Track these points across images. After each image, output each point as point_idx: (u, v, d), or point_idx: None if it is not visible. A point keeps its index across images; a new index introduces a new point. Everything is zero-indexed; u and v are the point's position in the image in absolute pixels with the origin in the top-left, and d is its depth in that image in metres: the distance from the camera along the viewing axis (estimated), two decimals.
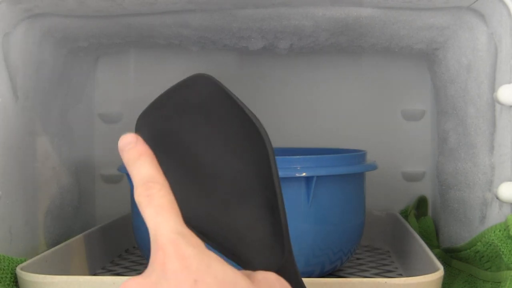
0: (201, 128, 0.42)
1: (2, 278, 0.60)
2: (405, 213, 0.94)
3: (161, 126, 0.42)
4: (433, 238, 0.88)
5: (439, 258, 0.64)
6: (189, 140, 0.42)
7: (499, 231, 0.61)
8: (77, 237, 0.76)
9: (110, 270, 0.79)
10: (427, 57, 0.89)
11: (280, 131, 0.98)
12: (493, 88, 0.66)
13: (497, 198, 0.62)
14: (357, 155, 0.74)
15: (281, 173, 0.65)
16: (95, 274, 0.77)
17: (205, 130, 0.42)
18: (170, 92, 0.43)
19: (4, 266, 0.61)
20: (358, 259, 0.84)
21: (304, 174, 0.66)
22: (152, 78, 0.99)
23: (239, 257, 0.40)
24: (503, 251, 0.60)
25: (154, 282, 0.34)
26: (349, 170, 0.71)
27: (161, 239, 0.35)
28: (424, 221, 0.91)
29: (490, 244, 0.63)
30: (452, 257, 0.74)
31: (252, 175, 0.40)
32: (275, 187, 0.40)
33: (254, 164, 0.40)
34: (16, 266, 0.61)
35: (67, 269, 0.71)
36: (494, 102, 0.65)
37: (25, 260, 0.63)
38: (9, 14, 0.67)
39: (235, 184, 0.41)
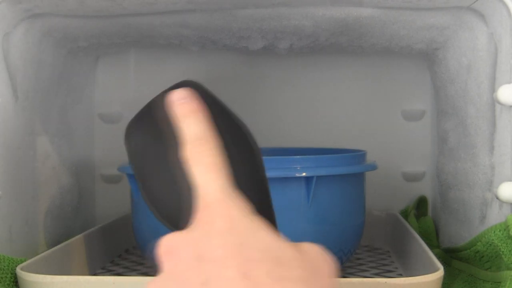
0: None
1: (2, 278, 0.60)
2: (405, 213, 0.94)
3: (151, 133, 0.42)
4: (433, 238, 0.88)
5: (439, 258, 0.64)
6: (179, 146, 0.42)
7: (499, 231, 0.61)
8: (77, 237, 0.76)
9: (110, 270, 0.79)
10: (427, 57, 0.89)
11: (280, 131, 0.98)
12: (493, 88, 0.66)
13: (497, 198, 0.62)
14: (357, 155, 0.74)
15: (281, 173, 0.66)
16: (95, 274, 0.77)
17: None
18: (157, 99, 0.43)
19: (4, 266, 0.61)
20: (358, 259, 0.84)
21: (304, 174, 0.66)
22: (152, 78, 0.99)
23: None
24: (503, 251, 0.60)
25: (197, 239, 0.32)
26: (349, 170, 0.71)
27: (208, 198, 0.34)
28: (424, 221, 0.91)
29: (490, 244, 0.63)
30: (452, 257, 0.74)
31: (240, 179, 0.40)
32: (264, 189, 0.40)
33: (242, 167, 0.40)
34: (16, 266, 0.61)
35: (67, 269, 0.71)
36: (494, 102, 0.65)
37: (25, 260, 0.63)
38: (9, 14, 0.67)
39: None
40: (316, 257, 0.34)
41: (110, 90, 0.99)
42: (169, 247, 0.33)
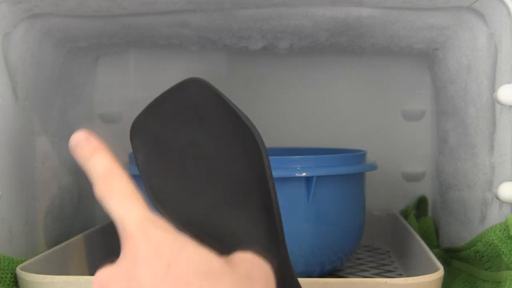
0: (195, 132, 0.42)
1: (2, 278, 0.60)
2: (405, 213, 0.94)
3: (157, 131, 0.42)
4: (433, 238, 0.88)
5: (439, 258, 0.64)
6: (184, 144, 0.42)
7: (499, 231, 0.61)
8: (77, 237, 0.76)
9: None
10: (427, 57, 0.89)
11: (280, 131, 0.98)
12: (493, 88, 0.66)
13: (497, 198, 0.62)
14: (357, 155, 0.74)
15: (281, 173, 0.66)
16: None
17: (199, 133, 0.42)
18: (163, 97, 0.43)
19: (4, 266, 0.61)
20: (358, 259, 0.84)
21: (304, 174, 0.66)
22: (152, 78, 0.99)
23: None
24: (503, 251, 0.60)
25: (126, 269, 0.33)
26: (349, 170, 0.71)
27: (129, 228, 0.34)
28: (424, 221, 0.91)
29: (490, 244, 0.63)
30: (452, 257, 0.74)
31: (246, 177, 0.40)
32: (269, 188, 0.40)
33: (248, 166, 0.41)
34: (16, 266, 0.61)
35: (67, 269, 0.71)
36: (494, 102, 0.65)
37: (25, 260, 0.63)
38: (9, 14, 0.67)
39: (230, 186, 0.41)
40: (249, 265, 0.34)
41: (110, 90, 0.99)
42: (101, 282, 0.34)
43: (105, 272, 0.34)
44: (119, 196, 0.35)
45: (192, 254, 0.33)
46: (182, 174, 0.41)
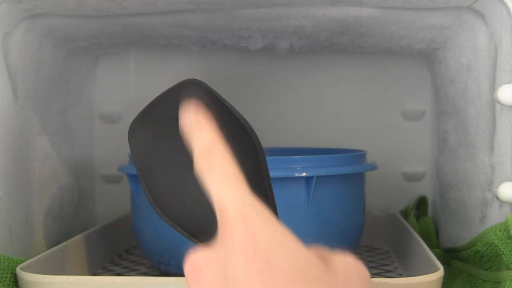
0: None
1: (2, 278, 0.60)
2: (405, 213, 0.94)
3: (154, 132, 0.42)
4: (433, 238, 0.88)
5: (439, 258, 0.64)
6: (182, 146, 0.42)
7: (499, 231, 0.61)
8: (77, 237, 0.76)
9: (110, 270, 0.79)
10: (427, 57, 0.89)
11: (280, 131, 0.98)
12: (493, 88, 0.66)
13: (497, 198, 0.62)
14: (357, 155, 0.74)
15: (281, 173, 0.66)
16: (95, 274, 0.77)
17: None
18: (160, 98, 0.43)
19: (4, 266, 0.61)
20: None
21: (304, 174, 0.66)
22: (152, 78, 0.99)
23: None
24: (503, 251, 0.60)
25: (221, 257, 0.31)
26: (349, 170, 0.71)
27: (228, 213, 0.32)
28: (424, 221, 0.91)
29: (490, 244, 0.63)
30: (452, 257, 0.74)
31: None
32: (266, 188, 0.40)
33: (244, 167, 0.41)
34: (16, 266, 0.61)
35: (67, 269, 0.71)
36: (494, 102, 0.65)
37: (25, 260, 0.63)
38: (9, 14, 0.67)
39: None
40: (349, 271, 0.33)
41: (110, 90, 0.99)
42: (195, 264, 0.33)
43: (200, 255, 0.33)
44: (219, 173, 0.33)
45: (292, 253, 0.31)
46: (179, 175, 0.41)
